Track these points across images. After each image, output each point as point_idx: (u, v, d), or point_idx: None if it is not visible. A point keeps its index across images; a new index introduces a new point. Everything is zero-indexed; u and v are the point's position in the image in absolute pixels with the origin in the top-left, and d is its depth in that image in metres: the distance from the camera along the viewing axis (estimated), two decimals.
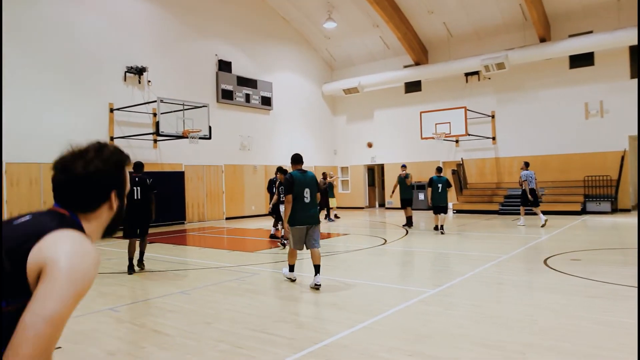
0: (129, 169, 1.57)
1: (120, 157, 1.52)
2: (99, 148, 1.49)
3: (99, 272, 5.75)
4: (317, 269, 6.59)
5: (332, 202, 18.34)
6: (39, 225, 1.32)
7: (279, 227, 11.44)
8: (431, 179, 12.92)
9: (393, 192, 15.01)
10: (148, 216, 8.12)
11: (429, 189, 12.88)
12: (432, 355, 3.94)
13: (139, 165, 8.29)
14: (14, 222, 1.35)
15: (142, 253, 8.33)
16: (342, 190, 23.79)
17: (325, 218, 17.08)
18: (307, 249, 6.80)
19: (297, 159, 6.98)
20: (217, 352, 4.17)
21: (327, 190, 17.11)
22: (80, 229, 1.41)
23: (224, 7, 19.70)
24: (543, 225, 13.13)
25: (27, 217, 1.38)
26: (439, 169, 13.28)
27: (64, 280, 1.23)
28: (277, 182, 10.93)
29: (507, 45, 19.56)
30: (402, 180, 14.21)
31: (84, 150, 1.47)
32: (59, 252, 1.26)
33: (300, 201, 6.65)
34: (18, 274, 1.24)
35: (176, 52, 17.92)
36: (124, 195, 1.55)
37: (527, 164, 13.93)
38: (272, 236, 11.75)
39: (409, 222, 14.22)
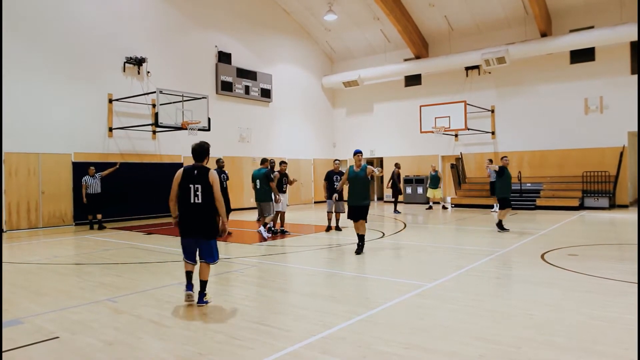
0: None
1: (208, 145, 5.68)
2: (204, 143, 5.65)
3: (99, 262, 5.77)
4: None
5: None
6: (205, 170, 5.47)
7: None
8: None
9: (341, 189, 10.73)
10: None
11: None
12: (429, 348, 3.96)
13: (264, 161, 11.33)
14: (194, 171, 5.48)
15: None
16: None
17: (394, 211, 17.21)
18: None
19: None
20: (214, 342, 4.19)
21: (395, 180, 17.81)
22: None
23: None
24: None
25: (196, 171, 5.47)
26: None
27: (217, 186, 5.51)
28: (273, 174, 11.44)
29: (508, 39, 19.51)
30: (356, 175, 8.89)
31: (201, 144, 5.61)
32: (213, 178, 5.46)
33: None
34: (209, 185, 5.42)
35: (176, 43, 17.84)
36: (208, 157, 5.72)
37: (490, 161, 17.02)
38: (270, 229, 11.73)
39: (358, 245, 9.07)
